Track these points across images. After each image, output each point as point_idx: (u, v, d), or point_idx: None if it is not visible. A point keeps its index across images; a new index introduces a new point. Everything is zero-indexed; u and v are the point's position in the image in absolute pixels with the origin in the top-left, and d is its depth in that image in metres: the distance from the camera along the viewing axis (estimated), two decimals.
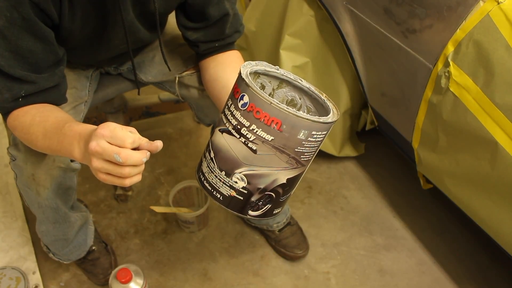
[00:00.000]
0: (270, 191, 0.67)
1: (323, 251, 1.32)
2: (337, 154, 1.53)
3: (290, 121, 0.60)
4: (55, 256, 1.13)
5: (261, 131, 0.61)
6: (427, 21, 0.98)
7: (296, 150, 0.63)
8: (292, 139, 0.61)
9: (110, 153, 0.59)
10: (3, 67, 0.70)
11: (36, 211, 0.98)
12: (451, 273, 1.27)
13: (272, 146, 0.62)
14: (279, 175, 0.65)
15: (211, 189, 0.69)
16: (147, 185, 1.49)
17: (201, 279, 1.25)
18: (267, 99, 0.59)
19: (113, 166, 0.60)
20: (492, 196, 0.94)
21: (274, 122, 0.60)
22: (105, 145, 0.59)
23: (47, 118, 0.74)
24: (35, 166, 0.88)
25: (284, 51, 1.39)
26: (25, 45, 0.70)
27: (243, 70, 0.65)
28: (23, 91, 0.74)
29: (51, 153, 0.76)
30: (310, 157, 0.67)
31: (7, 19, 0.67)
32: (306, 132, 0.61)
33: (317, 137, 0.63)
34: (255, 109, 0.60)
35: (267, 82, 0.74)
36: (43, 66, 0.75)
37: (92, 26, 0.81)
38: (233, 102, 0.64)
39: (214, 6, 0.87)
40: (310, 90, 0.72)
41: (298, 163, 0.65)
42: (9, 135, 1.62)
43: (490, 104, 0.85)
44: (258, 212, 0.69)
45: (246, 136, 0.62)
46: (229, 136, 0.64)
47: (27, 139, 0.76)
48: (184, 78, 1.03)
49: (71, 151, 0.67)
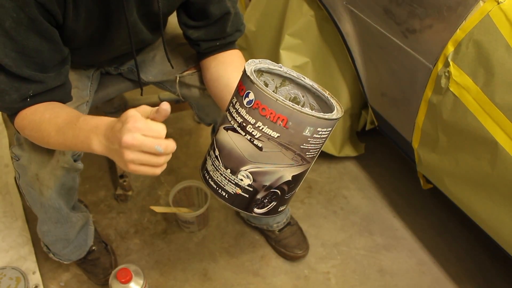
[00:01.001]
0: (276, 188, 0.67)
1: (323, 251, 1.33)
2: (337, 154, 1.53)
3: (296, 118, 0.60)
4: (55, 256, 1.13)
5: (267, 128, 0.61)
6: (427, 21, 0.98)
7: (301, 147, 0.63)
8: (298, 135, 0.61)
9: (151, 145, 0.60)
10: (11, 67, 0.70)
11: (38, 211, 0.98)
12: (451, 273, 1.27)
13: (278, 143, 0.62)
14: (285, 172, 0.65)
15: (216, 187, 0.69)
16: (147, 185, 1.49)
17: (201, 279, 1.25)
18: (273, 96, 0.59)
19: (150, 157, 0.62)
20: (492, 196, 0.94)
21: (280, 119, 0.60)
22: (142, 138, 0.60)
23: (58, 114, 0.74)
24: (39, 166, 0.88)
25: (284, 51, 1.40)
26: (31, 45, 0.70)
27: (248, 68, 0.65)
28: (31, 91, 0.74)
29: (64, 149, 0.76)
30: (315, 154, 0.67)
31: (14, 19, 0.67)
32: (311, 128, 0.61)
33: (322, 133, 0.63)
34: (261, 106, 0.60)
35: (270, 80, 0.75)
36: (49, 66, 0.75)
37: (96, 26, 0.81)
38: (238, 100, 0.64)
39: (215, 5, 0.87)
40: (314, 88, 0.72)
41: (304, 160, 0.65)
42: (9, 135, 1.62)
43: (490, 104, 0.85)
44: (264, 209, 0.69)
45: (251, 133, 0.62)
46: (234, 134, 0.64)
47: (38, 136, 0.76)
48: (185, 77, 1.03)
49: (89, 144, 0.67)
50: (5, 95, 0.73)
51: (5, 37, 0.68)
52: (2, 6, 0.66)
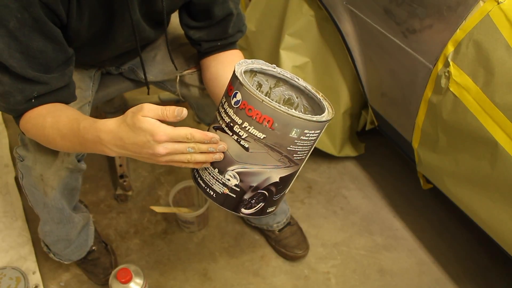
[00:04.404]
0: (263, 190, 0.67)
1: (323, 251, 1.33)
2: (337, 154, 1.53)
3: (282, 119, 0.60)
4: (56, 256, 1.13)
5: (253, 129, 0.61)
6: (427, 21, 0.98)
7: (288, 149, 0.63)
8: (284, 137, 0.61)
9: (183, 149, 0.64)
10: (15, 68, 0.70)
11: (41, 211, 0.98)
12: (451, 273, 1.27)
13: (264, 144, 0.62)
14: (272, 174, 0.65)
15: (205, 186, 0.69)
16: (147, 185, 1.49)
17: (201, 279, 1.25)
18: (259, 96, 0.59)
19: (183, 155, 0.65)
20: (492, 196, 0.94)
21: (266, 120, 0.60)
22: (173, 145, 0.63)
23: (59, 118, 0.74)
24: (44, 166, 0.88)
25: (284, 51, 1.40)
26: (35, 46, 0.70)
27: (238, 68, 0.65)
28: (36, 92, 0.74)
29: (76, 151, 0.77)
30: (304, 156, 0.67)
31: (18, 20, 0.67)
32: (298, 130, 0.61)
33: (310, 136, 0.63)
34: (247, 107, 0.61)
35: (264, 80, 0.74)
36: (53, 66, 0.75)
37: (99, 25, 0.81)
38: (226, 100, 0.64)
39: (219, 6, 0.87)
40: (307, 89, 0.72)
41: (291, 161, 0.65)
42: (9, 135, 1.62)
43: (490, 104, 0.85)
44: (251, 210, 0.69)
45: (238, 133, 0.63)
46: (222, 134, 0.65)
47: (44, 140, 0.77)
48: (185, 76, 1.03)
49: (101, 150, 0.69)
50: (9, 97, 0.73)
51: (9, 37, 0.68)
52: (6, 7, 0.65)
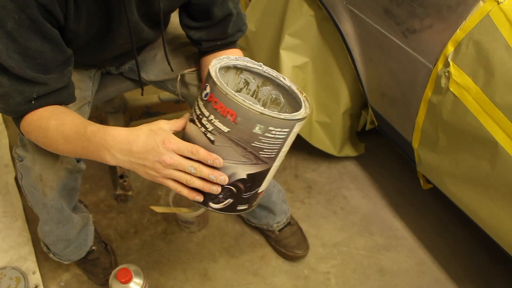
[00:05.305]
0: (230, 185, 0.67)
1: (323, 251, 1.32)
2: (337, 154, 1.53)
3: (244, 114, 0.59)
4: (56, 256, 1.13)
5: (218, 122, 0.61)
6: (427, 21, 0.98)
7: (253, 145, 0.62)
8: (247, 132, 0.61)
9: (186, 167, 0.65)
10: (14, 69, 0.70)
11: (41, 211, 0.98)
12: (451, 273, 1.27)
13: (228, 138, 0.62)
14: (237, 169, 0.65)
15: None
16: (147, 185, 1.49)
17: (201, 279, 1.25)
18: (223, 89, 0.59)
19: (183, 175, 0.66)
20: (492, 196, 0.94)
21: (229, 114, 0.60)
22: (178, 159, 0.64)
23: (64, 121, 0.74)
24: (43, 167, 0.89)
25: (284, 51, 1.40)
26: (33, 46, 0.70)
27: (214, 63, 0.66)
28: (35, 93, 0.74)
29: (74, 156, 0.77)
30: (273, 155, 0.65)
31: (15, 21, 0.67)
32: (262, 126, 0.60)
33: (276, 133, 0.62)
34: (214, 100, 0.61)
35: (251, 78, 0.74)
36: (52, 67, 0.74)
37: (97, 27, 0.81)
38: (200, 93, 0.65)
39: (218, 6, 0.87)
40: (290, 89, 0.71)
41: (258, 159, 0.64)
42: (9, 135, 1.62)
43: (490, 104, 0.85)
44: (220, 205, 0.69)
45: (205, 126, 0.63)
46: (193, 126, 0.65)
47: (45, 143, 0.76)
48: (185, 75, 1.03)
49: (101, 157, 0.69)
50: (9, 98, 0.73)
51: (7, 38, 0.68)
52: (3, 8, 0.65)
